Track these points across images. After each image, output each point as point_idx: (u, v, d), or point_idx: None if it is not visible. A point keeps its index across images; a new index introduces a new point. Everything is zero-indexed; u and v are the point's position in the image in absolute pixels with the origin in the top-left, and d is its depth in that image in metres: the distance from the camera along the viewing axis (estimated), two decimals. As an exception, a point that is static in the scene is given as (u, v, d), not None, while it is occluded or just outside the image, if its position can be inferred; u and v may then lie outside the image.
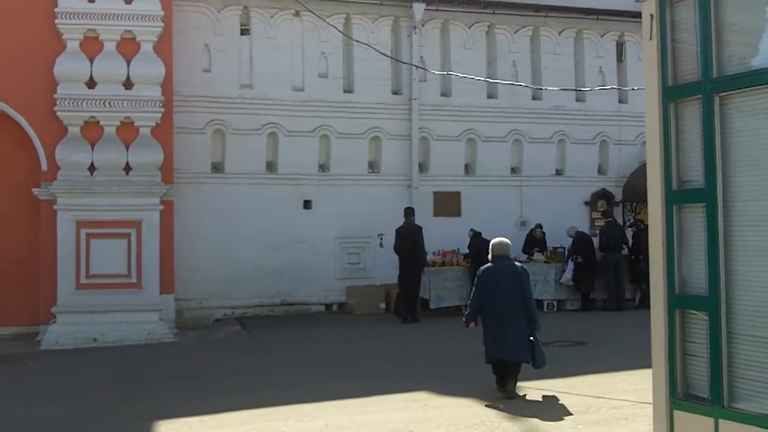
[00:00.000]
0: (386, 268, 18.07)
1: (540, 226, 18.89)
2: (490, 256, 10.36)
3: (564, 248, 18.94)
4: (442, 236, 18.00)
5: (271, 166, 18.16)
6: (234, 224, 17.52)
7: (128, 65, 15.89)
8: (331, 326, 16.60)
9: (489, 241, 10.76)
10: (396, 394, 10.29)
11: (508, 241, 10.49)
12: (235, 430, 8.82)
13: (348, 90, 18.71)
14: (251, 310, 17.62)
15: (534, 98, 19.98)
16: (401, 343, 14.64)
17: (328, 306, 18.32)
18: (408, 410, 9.49)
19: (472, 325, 10.23)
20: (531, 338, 9.97)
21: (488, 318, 10.07)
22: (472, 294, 10.38)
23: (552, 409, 9.34)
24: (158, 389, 11.10)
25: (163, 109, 16.07)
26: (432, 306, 17.30)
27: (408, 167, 19.01)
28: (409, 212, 17.45)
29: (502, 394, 9.93)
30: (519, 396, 10.02)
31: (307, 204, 18.23)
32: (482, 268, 10.34)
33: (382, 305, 17.96)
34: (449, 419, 9.00)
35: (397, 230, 17.24)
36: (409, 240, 16.91)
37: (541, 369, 10.13)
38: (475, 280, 10.34)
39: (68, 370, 12.98)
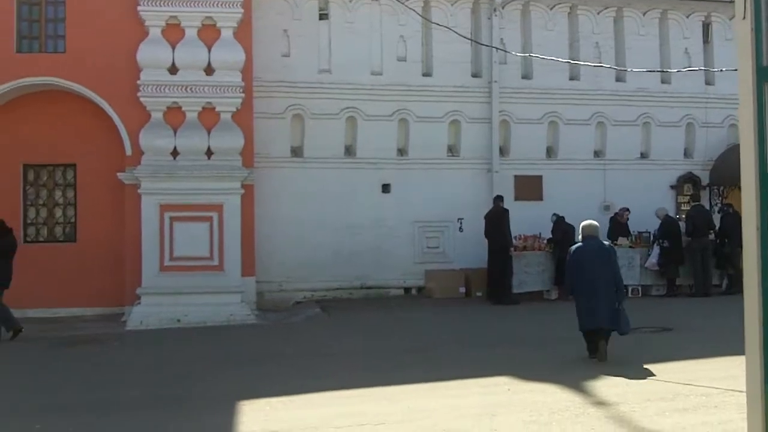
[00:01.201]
0: (466, 253, 18.06)
1: (627, 210, 18.48)
2: (580, 237, 11.27)
3: (649, 233, 18.50)
4: (523, 221, 17.73)
5: (349, 150, 18.16)
6: (313, 208, 17.59)
7: (209, 51, 16.06)
8: (410, 310, 16.55)
9: (573, 226, 11.44)
10: (478, 378, 10.17)
11: (596, 223, 11.45)
12: (317, 411, 8.78)
13: (427, 73, 18.54)
14: (331, 293, 17.71)
15: (618, 80, 19.50)
16: (482, 328, 14.50)
17: (407, 289, 18.26)
18: (490, 395, 9.35)
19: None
20: (618, 308, 10.84)
21: (581, 291, 10.98)
22: (566, 271, 11.50)
23: (638, 396, 9.10)
24: (240, 370, 11.22)
25: (243, 95, 16.20)
26: (513, 291, 17.10)
27: (488, 151, 18.78)
28: (499, 199, 17.54)
29: (596, 358, 10.79)
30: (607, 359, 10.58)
31: (385, 188, 18.17)
32: (573, 247, 11.35)
33: (462, 289, 17.83)
34: (533, 404, 8.83)
35: (485, 215, 17.34)
36: (496, 223, 16.95)
37: (626, 334, 10.96)
38: (567, 258, 11.38)
39: (153, 350, 13.24)
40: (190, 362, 12.01)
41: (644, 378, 9.95)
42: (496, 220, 17.08)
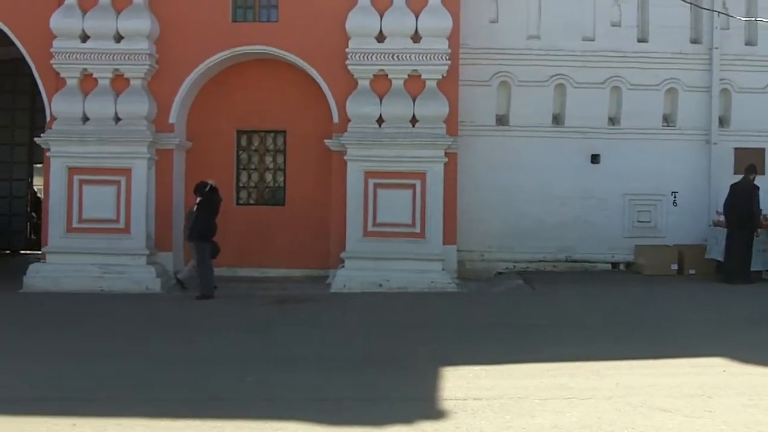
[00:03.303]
0: (680, 228, 17.27)
1: None
2: None
3: None
4: (743, 195, 16.54)
5: (557, 119, 17.59)
6: (518, 177, 17.22)
7: (416, 19, 15.95)
8: (618, 285, 15.85)
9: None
10: (691, 358, 9.68)
11: None
12: (521, 382, 8.66)
13: (642, 39, 17.60)
14: (533, 265, 17.29)
15: None
16: (697, 306, 13.73)
17: (614, 264, 17.50)
18: (705, 375, 8.83)
19: None
20: None
21: None
22: None
23: None
24: (441, 337, 11.24)
25: (449, 62, 16.02)
26: (753, 268, 15.96)
27: (706, 121, 17.63)
28: (751, 170, 16.41)
29: None
30: None
31: (594, 158, 17.43)
32: None
33: (674, 266, 16.85)
34: (751, 387, 8.26)
35: (732, 185, 16.31)
36: (742, 198, 15.93)
37: None
38: None
39: (356, 313, 13.50)
40: (393, 326, 12.17)
41: None
42: (741, 194, 15.96)
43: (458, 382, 8.60)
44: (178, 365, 9.57)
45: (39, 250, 16.78)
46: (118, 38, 16.00)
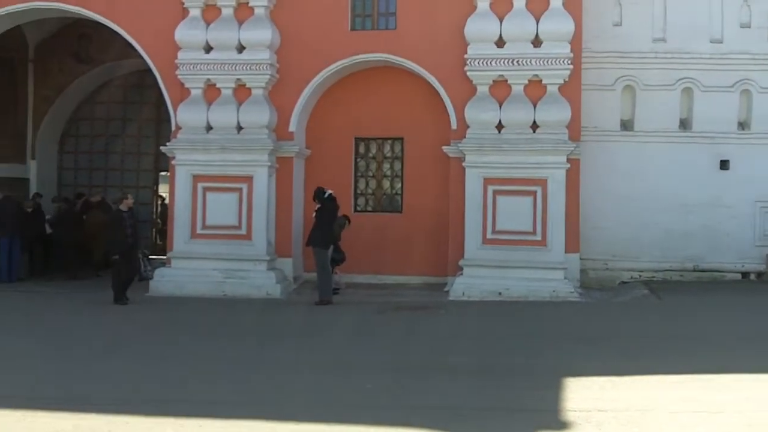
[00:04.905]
0: (818, 238, 16.36)
1: None
2: None
3: None
4: None
5: (684, 124, 17.03)
6: (642, 184, 16.75)
7: (537, 23, 15.71)
8: (748, 295, 15.26)
9: None
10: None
11: None
12: (648, 394, 8.42)
13: (774, 40, 16.92)
14: (659, 274, 16.75)
15: None
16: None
17: (744, 274, 16.78)
18: None
19: None
20: None
21: None
22: None
23: None
24: (563, 346, 11.03)
25: (571, 66, 15.71)
26: None
27: None
28: None
29: None
30: None
31: (723, 164, 16.79)
32: None
33: (812, 277, 16.10)
34: None
35: None
36: None
37: None
38: None
39: (476, 321, 13.34)
40: (513, 335, 12.01)
41: None
42: None
43: (582, 394, 8.40)
44: (298, 372, 9.62)
45: (164, 255, 17.21)
46: (241, 49, 16.32)
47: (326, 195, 15.03)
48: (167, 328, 12.86)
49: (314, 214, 15.19)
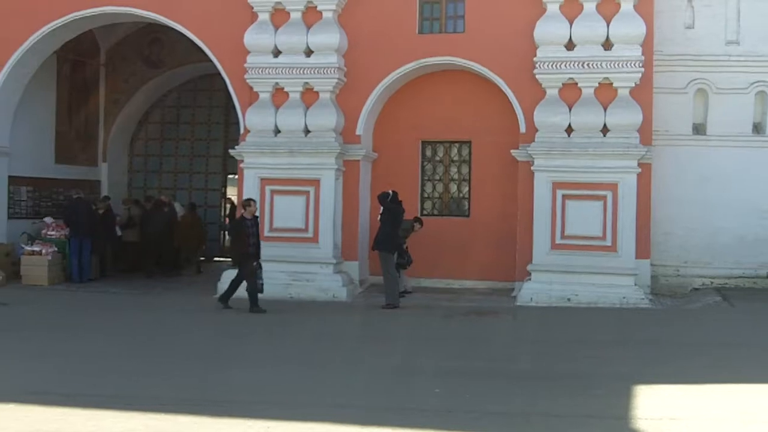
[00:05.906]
0: None
1: None
2: None
3: None
4: None
5: (758, 128, 16.63)
6: (715, 189, 16.40)
7: (608, 25, 15.49)
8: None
9: None
10: None
11: None
12: (720, 403, 8.27)
13: None
14: (732, 281, 16.37)
15: None
16: None
17: (823, 283, 16.35)
18: None
19: None
20: None
21: None
22: None
23: None
24: (633, 353, 10.87)
25: (642, 69, 15.44)
26: None
27: None
28: None
29: None
30: None
31: (798, 169, 16.39)
32: None
33: None
34: None
35: None
36: None
37: None
38: None
39: (544, 327, 13.17)
40: (582, 341, 11.87)
41: None
42: None
43: (653, 401, 8.27)
44: (370, 373, 9.63)
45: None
46: (309, 53, 16.41)
47: (389, 197, 15.02)
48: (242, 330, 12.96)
49: (379, 218, 15.20)
